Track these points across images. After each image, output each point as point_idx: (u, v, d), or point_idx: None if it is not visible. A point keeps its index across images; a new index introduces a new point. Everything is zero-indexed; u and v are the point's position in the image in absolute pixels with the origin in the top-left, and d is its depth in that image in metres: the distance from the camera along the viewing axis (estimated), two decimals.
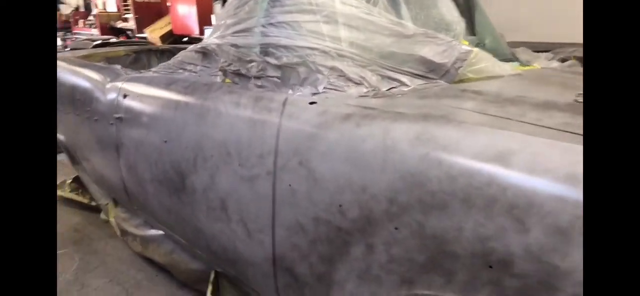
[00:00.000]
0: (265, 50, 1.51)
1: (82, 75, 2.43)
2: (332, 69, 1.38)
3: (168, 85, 1.80)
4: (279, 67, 1.45)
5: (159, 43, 5.68)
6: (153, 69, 2.07)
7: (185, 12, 5.71)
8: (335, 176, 1.15)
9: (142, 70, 2.19)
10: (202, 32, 5.56)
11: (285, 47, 1.46)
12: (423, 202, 0.98)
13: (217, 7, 5.25)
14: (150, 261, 2.49)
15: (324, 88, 1.37)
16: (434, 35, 1.43)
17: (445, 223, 0.95)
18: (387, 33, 1.46)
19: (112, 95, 2.09)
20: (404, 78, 1.40)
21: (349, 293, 1.19)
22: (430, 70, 1.39)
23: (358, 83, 1.36)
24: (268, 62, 1.48)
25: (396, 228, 1.04)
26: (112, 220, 2.71)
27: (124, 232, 2.60)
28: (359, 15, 1.47)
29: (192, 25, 5.70)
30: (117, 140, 2.06)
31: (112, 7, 7.57)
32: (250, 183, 1.41)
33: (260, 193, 1.38)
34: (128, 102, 1.97)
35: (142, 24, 6.24)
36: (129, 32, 6.81)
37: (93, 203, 3.20)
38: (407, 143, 1.02)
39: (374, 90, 1.35)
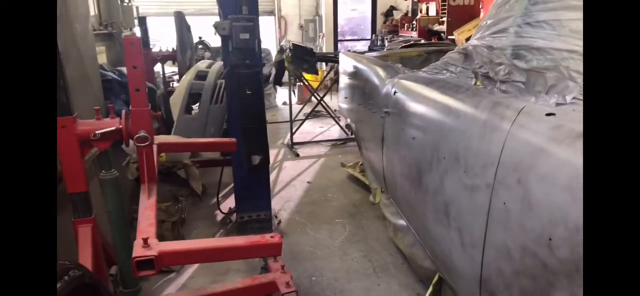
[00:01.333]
0: (516, 52, 1.36)
1: (373, 72, 2.77)
2: None
3: (427, 84, 1.86)
4: (525, 71, 1.29)
5: (462, 44, 5.75)
6: (424, 69, 2.16)
7: None
8: (550, 204, 0.96)
9: (415, 70, 2.32)
10: None
11: (539, 49, 1.28)
12: None
13: None
14: (399, 249, 2.65)
15: (574, 98, 1.13)
16: None
17: None
18: None
19: (387, 91, 2.31)
20: None
21: None
22: None
23: None
24: (515, 65, 1.33)
25: None
26: (377, 203, 3.00)
27: (383, 217, 2.84)
28: None
29: None
30: (383, 132, 2.27)
31: (432, 12, 8.10)
32: (470, 193, 1.32)
33: (477, 205, 1.28)
34: (395, 98, 2.14)
35: (452, 26, 6.44)
36: (442, 34, 7.15)
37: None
38: None
39: None
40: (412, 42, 5.08)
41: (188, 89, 3.55)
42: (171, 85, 4.65)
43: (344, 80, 3.86)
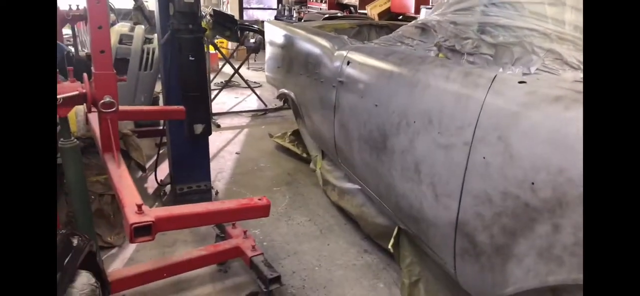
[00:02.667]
0: (482, 28, 1.58)
1: (315, 43, 2.86)
2: (549, 51, 1.37)
3: (386, 55, 2.02)
4: (493, 45, 1.50)
5: (376, 19, 6.08)
6: (375, 41, 2.32)
7: None
8: (532, 155, 1.18)
9: (365, 41, 2.47)
10: (418, 11, 5.70)
11: (504, 26, 1.50)
12: None
13: None
14: (342, 211, 2.84)
15: (537, 69, 1.37)
16: None
17: None
18: None
19: (337, 62, 2.43)
20: None
21: (526, 268, 1.21)
22: None
23: (575, 68, 1.32)
24: (483, 40, 1.54)
25: None
26: (318, 170, 3.15)
27: (326, 182, 3.00)
28: None
29: (410, 4, 5.90)
30: (335, 101, 2.40)
31: None
32: (446, 151, 1.52)
33: (453, 161, 1.48)
34: (350, 69, 2.27)
35: (364, 1, 6.75)
36: (351, 8, 7.45)
37: (304, 155, 3.75)
38: None
39: None
40: (330, 16, 5.23)
41: (114, 54, 3.30)
42: (83, 49, 4.24)
43: (273, 50, 3.89)
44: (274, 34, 3.86)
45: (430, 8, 5.35)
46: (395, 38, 2.16)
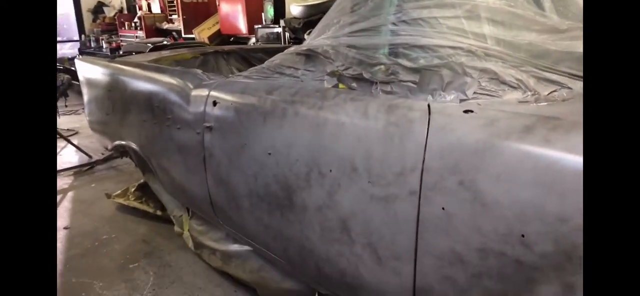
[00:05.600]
0: (395, 51, 1.34)
1: (158, 82, 2.31)
2: (483, 71, 1.19)
3: (269, 91, 1.64)
4: (415, 70, 1.27)
5: (207, 43, 5.61)
6: (243, 74, 1.93)
7: (232, 12, 5.62)
8: (517, 202, 0.97)
9: (229, 75, 2.05)
10: (250, 31, 5.45)
11: (422, 47, 1.28)
12: None
13: (267, 5, 5.12)
14: (226, 276, 2.36)
15: (474, 93, 1.18)
16: None
17: None
18: (538, 28, 1.26)
19: (198, 103, 1.96)
20: (564, 80, 1.20)
21: None
22: None
23: (514, 87, 1.17)
24: (400, 65, 1.30)
25: None
26: (186, 233, 2.59)
27: (200, 245, 2.48)
28: (504, 8, 1.28)
29: (240, 24, 5.61)
30: (204, 150, 1.93)
31: (156, 9, 7.59)
32: (385, 204, 1.24)
33: (398, 215, 1.21)
34: (219, 111, 1.83)
35: (189, 25, 6.19)
36: (175, 34, 6.79)
37: (158, 213, 3.11)
38: None
39: (534, 94, 1.15)
40: (161, 44, 4.57)
41: None
42: None
43: (95, 93, 3.14)
44: (92, 73, 3.12)
45: (263, 27, 5.15)
46: (271, 68, 1.81)
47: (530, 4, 1.32)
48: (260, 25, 5.18)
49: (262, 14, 5.20)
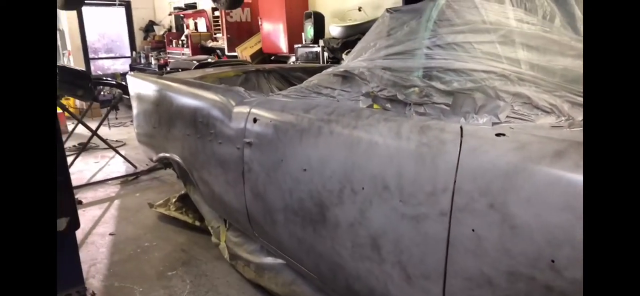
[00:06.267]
0: (429, 74, 1.37)
1: (202, 98, 2.43)
2: (516, 95, 1.20)
3: (306, 110, 1.71)
4: (448, 92, 1.30)
5: (250, 61, 5.80)
6: (283, 92, 2.00)
7: (274, 31, 5.79)
8: (547, 226, 0.97)
9: (270, 94, 2.13)
10: (291, 51, 5.59)
11: (456, 70, 1.31)
12: None
13: (307, 25, 5.25)
14: (259, 288, 2.42)
15: (507, 117, 1.19)
16: None
17: None
18: (574, 53, 1.26)
19: (239, 119, 2.05)
20: None
21: None
22: None
23: (548, 112, 1.17)
24: (433, 87, 1.33)
25: None
26: (223, 244, 2.68)
27: (235, 256, 2.55)
28: (539, 34, 1.29)
29: (281, 43, 5.76)
30: (244, 164, 2.01)
31: (202, 28, 7.91)
32: (415, 223, 1.26)
33: (428, 235, 1.23)
34: (259, 127, 1.91)
35: (233, 43, 6.42)
36: (218, 51, 7.05)
37: (197, 223, 3.22)
38: None
39: (567, 119, 1.15)
40: (206, 62, 4.78)
41: None
42: None
43: (143, 107, 3.32)
44: (141, 88, 3.30)
45: (303, 47, 5.28)
46: (309, 88, 1.88)
47: (566, 29, 1.32)
48: (300, 45, 5.30)
49: (302, 33, 5.33)
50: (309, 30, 5.10)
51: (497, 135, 1.13)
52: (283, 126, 1.78)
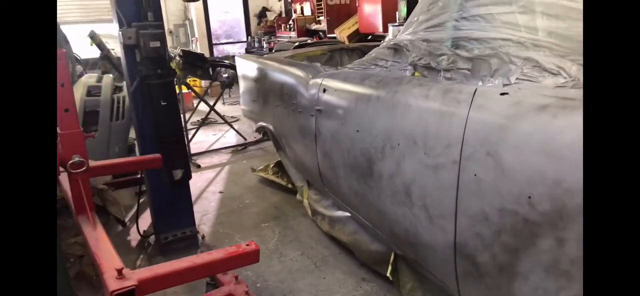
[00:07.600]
0: (456, 43, 1.56)
1: (289, 73, 2.83)
2: (526, 59, 1.35)
3: (362, 80, 1.98)
4: (469, 59, 1.48)
5: (346, 42, 6.12)
6: (348, 66, 2.29)
7: (371, 11, 6.01)
8: (526, 168, 1.14)
9: (338, 67, 2.44)
10: (386, 30, 5.76)
11: (478, 39, 1.48)
12: None
13: (401, 4, 5.37)
14: (335, 240, 2.76)
15: (516, 79, 1.35)
16: None
17: None
18: None
19: (313, 90, 2.39)
20: None
21: (534, 286, 1.16)
22: None
23: (555, 74, 1.30)
24: (458, 55, 1.52)
25: None
26: (305, 201, 3.08)
27: (315, 212, 2.93)
28: (560, 2, 1.40)
29: (377, 23, 5.96)
30: (315, 129, 2.35)
31: (307, 11, 8.42)
32: (435, 171, 1.48)
33: (444, 181, 1.44)
34: (327, 96, 2.24)
35: (332, 25, 6.80)
36: (321, 33, 7.49)
37: (289, 186, 3.68)
38: None
39: (572, 80, 1.27)
40: (300, 43, 5.23)
41: (82, 107, 3.19)
42: None
43: (247, 84, 3.84)
44: (246, 68, 3.82)
45: (397, 25, 5.43)
46: (369, 61, 2.14)
47: None
48: (393, 23, 5.47)
49: (397, 12, 5.48)
50: (402, 9, 5.24)
51: (501, 94, 1.30)
52: (343, 94, 2.08)
